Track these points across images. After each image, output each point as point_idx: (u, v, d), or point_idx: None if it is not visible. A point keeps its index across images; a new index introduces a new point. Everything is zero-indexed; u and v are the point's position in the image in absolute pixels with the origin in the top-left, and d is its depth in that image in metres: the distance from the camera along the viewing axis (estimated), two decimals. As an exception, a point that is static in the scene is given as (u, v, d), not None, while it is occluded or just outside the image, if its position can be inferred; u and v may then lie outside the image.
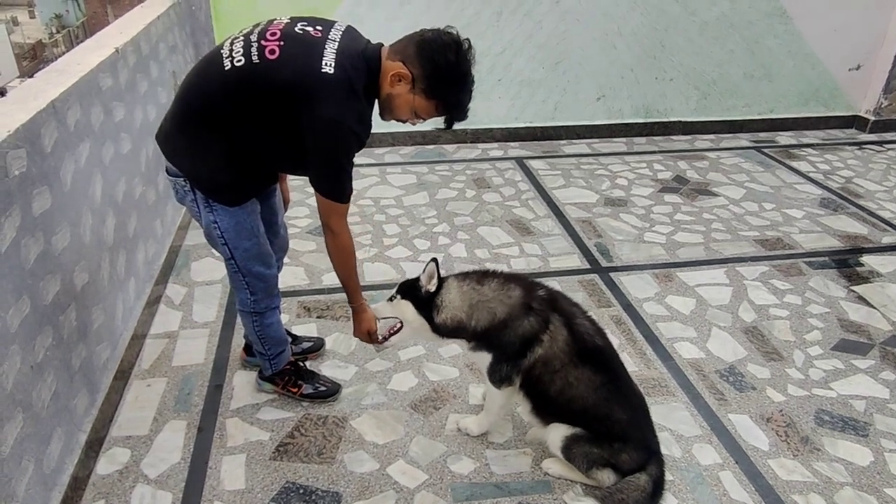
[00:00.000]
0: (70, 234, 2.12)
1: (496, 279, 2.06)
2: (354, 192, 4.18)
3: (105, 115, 2.55)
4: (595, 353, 2.02)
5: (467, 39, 1.84)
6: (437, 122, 1.99)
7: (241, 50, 1.82)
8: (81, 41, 3.00)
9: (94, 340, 2.29)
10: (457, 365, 2.67)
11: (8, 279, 1.71)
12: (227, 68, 1.81)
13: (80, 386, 2.15)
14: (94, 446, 2.20)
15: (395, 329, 2.15)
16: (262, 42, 1.81)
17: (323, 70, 1.76)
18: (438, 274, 2.06)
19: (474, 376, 2.60)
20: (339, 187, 1.94)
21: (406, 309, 2.09)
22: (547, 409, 2.08)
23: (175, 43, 3.76)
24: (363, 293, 2.16)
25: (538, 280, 2.15)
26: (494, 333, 2.01)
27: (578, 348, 1.98)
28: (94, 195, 2.39)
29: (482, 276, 2.08)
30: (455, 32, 1.84)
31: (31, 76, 2.42)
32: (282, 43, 1.80)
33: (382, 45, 1.91)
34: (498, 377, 2.07)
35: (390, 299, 2.15)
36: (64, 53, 2.73)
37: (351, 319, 2.21)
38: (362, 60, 1.84)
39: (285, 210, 2.45)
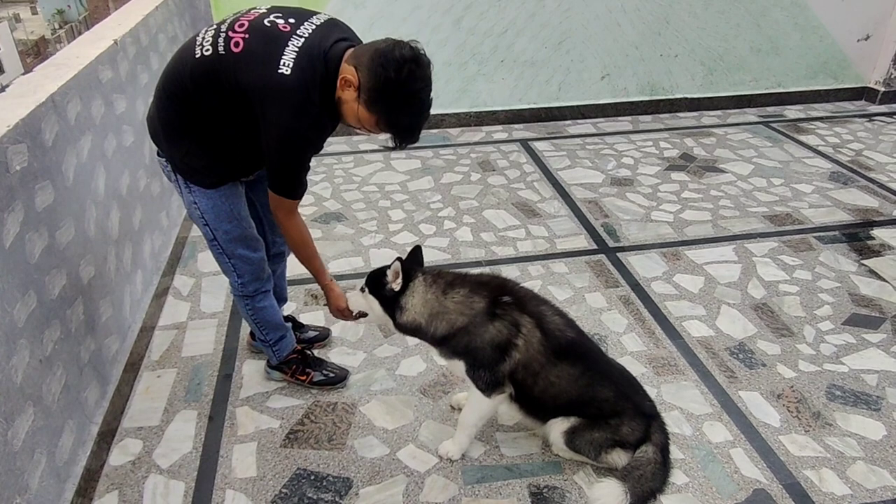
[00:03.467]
0: (74, 227, 2.12)
1: (464, 287, 1.99)
2: (360, 179, 4.22)
3: (106, 107, 2.55)
4: (570, 347, 2.00)
5: (423, 57, 1.72)
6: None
7: (211, 39, 1.81)
8: (83, 35, 2.98)
9: (102, 333, 2.31)
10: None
11: (13, 274, 1.72)
12: (196, 56, 1.81)
13: (90, 378, 2.17)
14: (107, 438, 2.22)
15: (363, 313, 2.20)
16: (230, 33, 1.79)
17: (279, 71, 1.72)
18: (404, 273, 2.01)
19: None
20: (291, 186, 1.93)
21: (373, 304, 2.09)
22: (537, 408, 2.07)
23: (175, 33, 3.74)
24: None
25: (512, 281, 2.09)
26: (454, 340, 1.98)
27: (553, 346, 1.97)
28: (98, 188, 2.39)
29: (450, 283, 2.01)
30: (417, 48, 1.72)
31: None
32: (247, 36, 1.78)
33: (352, 45, 1.83)
34: (483, 383, 2.01)
35: (362, 289, 2.13)
36: (65, 48, 2.73)
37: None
38: (322, 62, 1.77)
39: None
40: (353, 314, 2.23)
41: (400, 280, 2.02)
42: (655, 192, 3.99)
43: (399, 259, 2.02)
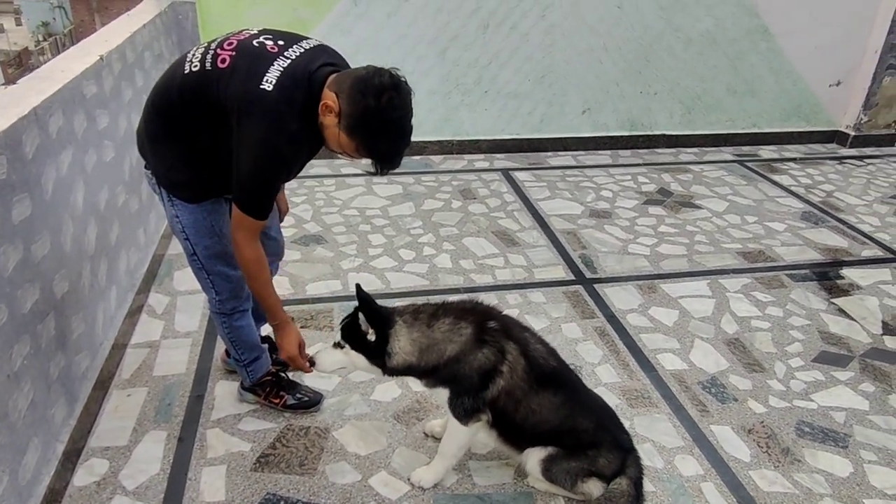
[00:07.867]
0: (50, 242, 2.09)
1: (448, 316, 1.97)
2: (341, 202, 4.22)
3: (88, 122, 2.54)
4: (552, 376, 2.01)
5: (404, 84, 1.74)
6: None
7: (200, 56, 1.85)
8: (68, 49, 2.98)
9: (73, 350, 2.27)
10: (440, 376, 2.66)
11: (-15, 287, 1.69)
12: (185, 72, 1.85)
13: (58, 395, 2.12)
14: (72, 457, 2.17)
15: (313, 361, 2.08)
16: (218, 51, 1.83)
17: (261, 87, 1.74)
18: (381, 319, 1.95)
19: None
20: (256, 203, 1.88)
21: (359, 360, 1.99)
22: (516, 436, 2.06)
23: (161, 51, 3.75)
24: (349, 302, 2.12)
25: (490, 306, 2.07)
26: (445, 369, 1.96)
27: (536, 374, 1.97)
28: (76, 203, 2.37)
29: (432, 315, 1.98)
30: (396, 76, 1.73)
31: (16, 83, 2.41)
32: (234, 54, 1.81)
33: (337, 70, 1.84)
34: (462, 411, 1.99)
35: (336, 345, 2.03)
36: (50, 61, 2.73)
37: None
38: (306, 83, 1.78)
39: (282, 219, 2.43)
40: (310, 364, 2.11)
41: (372, 331, 1.95)
42: (633, 225, 4.05)
43: (360, 307, 1.94)
